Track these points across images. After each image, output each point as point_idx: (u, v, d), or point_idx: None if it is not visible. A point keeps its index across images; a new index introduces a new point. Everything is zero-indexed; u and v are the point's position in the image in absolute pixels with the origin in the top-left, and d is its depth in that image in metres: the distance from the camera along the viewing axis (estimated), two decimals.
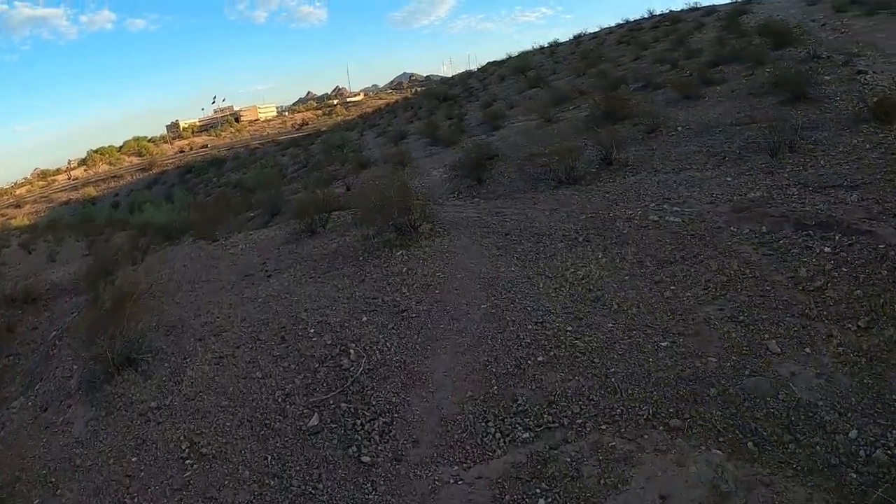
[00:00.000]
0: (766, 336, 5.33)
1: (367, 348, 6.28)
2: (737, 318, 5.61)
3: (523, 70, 34.91)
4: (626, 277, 6.80)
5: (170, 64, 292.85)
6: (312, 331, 6.93)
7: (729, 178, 8.95)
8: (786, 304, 5.69)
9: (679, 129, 12.90)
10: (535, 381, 5.44)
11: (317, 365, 6.23)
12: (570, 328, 6.04)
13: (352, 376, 5.87)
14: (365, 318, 6.92)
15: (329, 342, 6.59)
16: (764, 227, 7.12)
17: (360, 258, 8.94)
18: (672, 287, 6.41)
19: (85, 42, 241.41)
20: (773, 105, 13.02)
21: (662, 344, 5.47)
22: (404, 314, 6.87)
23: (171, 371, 7.19)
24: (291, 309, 7.80)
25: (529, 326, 6.18)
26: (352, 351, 6.23)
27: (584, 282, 6.93)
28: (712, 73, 18.00)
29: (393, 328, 6.61)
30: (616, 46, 33.42)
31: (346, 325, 6.89)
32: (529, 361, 5.68)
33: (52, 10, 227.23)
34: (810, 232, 6.82)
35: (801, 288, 5.88)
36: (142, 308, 9.09)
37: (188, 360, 7.41)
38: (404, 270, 8.04)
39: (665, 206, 8.37)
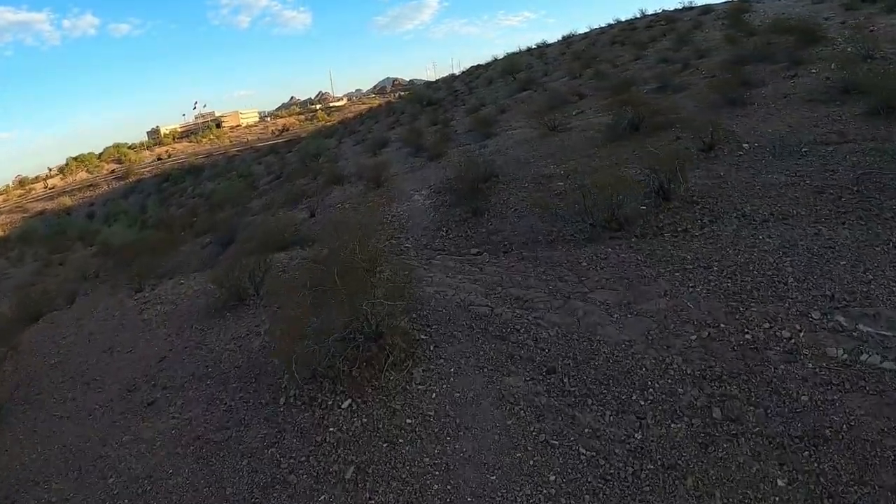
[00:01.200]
0: None
1: None
2: None
3: (513, 72, 30.91)
4: None
5: (153, 69, 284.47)
6: None
7: None
8: None
9: (745, 146, 9.15)
10: None
11: None
12: None
13: None
14: None
15: None
16: None
17: (283, 400, 4.99)
18: None
19: (69, 47, 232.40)
20: (860, 117, 9.37)
21: None
22: None
23: None
24: None
25: None
26: None
27: None
28: (742, 73, 14.33)
29: None
30: (610, 47, 29.68)
31: None
32: None
33: (35, 15, 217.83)
34: None
35: None
36: None
37: None
38: (348, 478, 3.92)
39: (840, 317, 4.36)
